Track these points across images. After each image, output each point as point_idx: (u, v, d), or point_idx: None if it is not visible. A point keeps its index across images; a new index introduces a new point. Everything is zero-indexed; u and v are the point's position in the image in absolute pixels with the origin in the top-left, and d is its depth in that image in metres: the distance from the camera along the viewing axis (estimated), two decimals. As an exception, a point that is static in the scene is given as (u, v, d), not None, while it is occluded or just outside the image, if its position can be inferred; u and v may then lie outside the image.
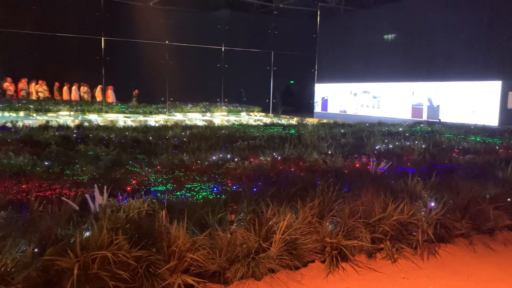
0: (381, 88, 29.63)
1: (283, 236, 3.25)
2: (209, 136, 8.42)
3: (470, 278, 3.54)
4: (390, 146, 7.41)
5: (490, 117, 22.72)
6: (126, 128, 10.28)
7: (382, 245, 3.70)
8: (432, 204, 4.14)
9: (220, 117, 22.46)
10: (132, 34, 22.43)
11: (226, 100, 22.97)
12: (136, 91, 25.23)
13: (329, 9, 33.93)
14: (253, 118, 22.79)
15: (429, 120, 21.53)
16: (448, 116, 24.77)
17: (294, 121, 20.01)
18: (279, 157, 5.98)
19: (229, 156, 6.07)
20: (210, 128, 10.10)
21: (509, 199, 4.62)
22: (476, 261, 3.87)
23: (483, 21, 23.57)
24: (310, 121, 19.65)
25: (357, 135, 9.23)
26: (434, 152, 6.67)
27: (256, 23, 25.55)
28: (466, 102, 24.10)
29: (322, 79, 34.12)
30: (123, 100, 23.28)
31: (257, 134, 8.86)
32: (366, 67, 31.16)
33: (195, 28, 24.04)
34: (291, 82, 29.09)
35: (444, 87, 25.29)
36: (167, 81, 21.78)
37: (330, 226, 3.55)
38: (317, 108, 35.12)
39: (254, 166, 5.16)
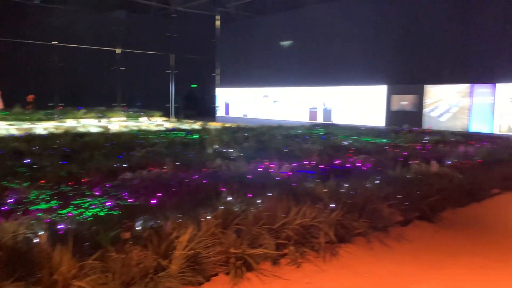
0: (280, 92, 30.65)
1: (184, 251, 3.02)
2: (104, 144, 7.82)
3: (369, 277, 3.64)
4: (291, 148, 7.56)
5: (378, 119, 24.72)
6: (6, 138, 9.15)
7: (286, 251, 3.65)
8: (332, 205, 4.22)
9: (118, 123, 21.31)
10: (18, 35, 20.27)
11: (123, 104, 21.85)
12: (32, 96, 22.73)
13: (231, 15, 34.28)
14: (154, 123, 22.01)
15: (324, 122, 22.69)
16: (340, 118, 26.41)
17: (197, 125, 19.71)
18: (181, 164, 5.72)
19: (125, 165, 5.65)
20: (104, 135, 9.42)
21: (399, 197, 4.90)
22: (374, 259, 4.02)
23: (370, 30, 25.55)
24: (213, 125, 19.51)
25: (259, 139, 9.29)
26: (331, 154, 6.93)
27: (155, 25, 24.72)
28: (356, 105, 25.92)
29: (225, 84, 34.27)
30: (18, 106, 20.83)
31: (158, 140, 8.46)
32: (266, 72, 31.98)
33: (89, 29, 22.51)
34: (193, 86, 28.67)
35: (337, 91, 26.93)
36: (58, 85, 20.07)
37: (234, 236, 3.40)
38: (221, 112, 35.24)
39: (154, 175, 4.85)
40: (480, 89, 21.01)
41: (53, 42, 19.63)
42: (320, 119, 27.57)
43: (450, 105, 22.10)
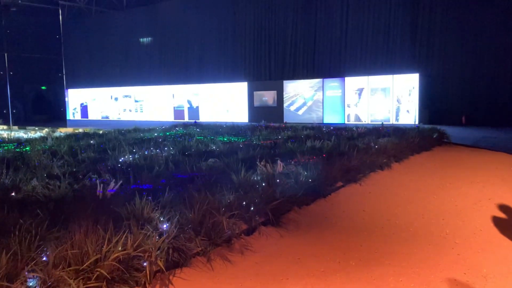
0: (142, 91, 29.24)
1: None
2: None
3: (203, 306, 3.20)
4: (137, 156, 6.82)
5: (242, 115, 25.09)
6: None
7: (101, 294, 2.99)
8: (164, 226, 3.67)
9: None
10: None
11: None
12: None
13: (80, 9, 31.51)
14: (-8, 133, 19.00)
15: (186, 121, 22.07)
16: (207, 116, 26.21)
17: (43, 133, 17.57)
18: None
19: None
20: None
21: (244, 203, 4.58)
22: (212, 281, 3.58)
23: (228, 29, 25.77)
24: (63, 131, 17.58)
25: (104, 147, 8.32)
26: (179, 160, 6.40)
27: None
28: (221, 102, 25.95)
29: (79, 84, 31.49)
30: None
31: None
32: (125, 70, 30.29)
33: None
34: (43, 87, 25.59)
35: (201, 89, 26.63)
36: None
37: (22, 289, 2.63)
38: (77, 115, 32.34)
39: None
40: (330, 83, 22.63)
41: None
42: (187, 118, 26.99)
43: (306, 99, 23.39)
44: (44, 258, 2.87)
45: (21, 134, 17.21)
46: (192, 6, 26.89)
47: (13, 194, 4.36)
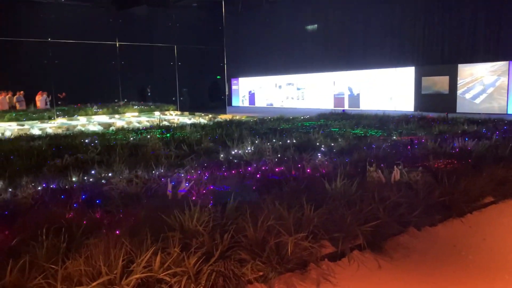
0: (304, 79, 29.25)
1: None
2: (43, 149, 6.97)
3: None
4: (248, 150, 6.37)
5: (407, 103, 22.82)
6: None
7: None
8: (213, 243, 3.07)
9: (130, 119, 20.87)
10: (14, 32, 20.03)
11: (125, 100, 21.31)
12: (63, 93, 22.60)
13: (251, 0, 32.94)
14: (166, 117, 21.36)
15: (334, 110, 20.82)
16: (368, 104, 24.70)
17: (206, 119, 18.93)
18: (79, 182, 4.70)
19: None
20: (53, 138, 8.53)
21: (331, 219, 3.66)
22: (260, 321, 2.86)
23: (395, 8, 23.60)
24: (223, 117, 18.62)
25: (228, 137, 8.13)
26: (287, 156, 5.70)
27: (158, 16, 23.86)
28: (384, 89, 24.09)
29: (248, 73, 33.19)
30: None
31: (113, 143, 7.48)
32: (289, 59, 30.62)
33: (85, 24, 21.82)
34: (218, 77, 27.69)
35: (363, 76, 25.19)
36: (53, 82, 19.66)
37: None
38: (246, 102, 34.27)
39: (17, 200, 3.87)
40: (520, 66, 18.73)
41: (49, 39, 19.15)
42: (347, 105, 25.95)
43: (485, 86, 19.92)
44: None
45: (185, 119, 18.80)
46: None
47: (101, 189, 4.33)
